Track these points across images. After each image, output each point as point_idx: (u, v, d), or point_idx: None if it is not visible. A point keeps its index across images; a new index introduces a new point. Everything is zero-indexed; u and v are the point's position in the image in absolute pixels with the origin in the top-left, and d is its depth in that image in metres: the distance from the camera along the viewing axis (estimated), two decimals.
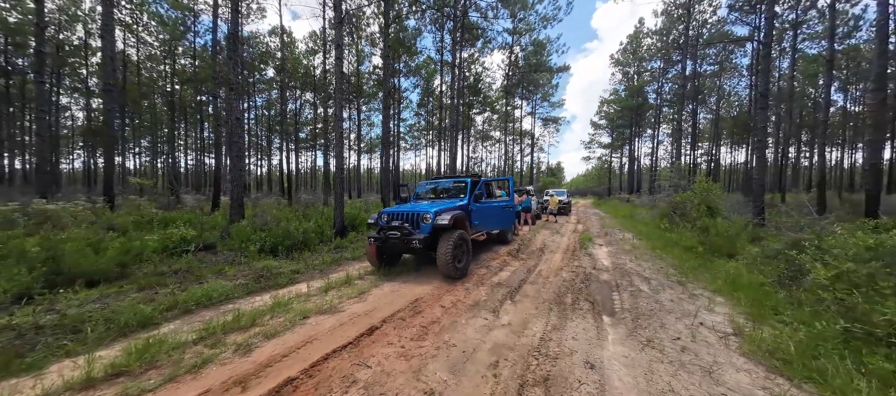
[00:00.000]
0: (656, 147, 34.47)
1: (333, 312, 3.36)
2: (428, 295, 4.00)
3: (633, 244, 8.00)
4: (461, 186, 5.93)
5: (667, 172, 19.24)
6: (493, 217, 6.16)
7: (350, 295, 3.92)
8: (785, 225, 7.69)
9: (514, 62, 25.18)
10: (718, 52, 27.94)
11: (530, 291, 4.36)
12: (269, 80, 33.47)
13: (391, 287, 4.29)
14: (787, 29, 22.06)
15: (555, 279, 4.95)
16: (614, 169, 46.29)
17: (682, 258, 6.20)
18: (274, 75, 30.91)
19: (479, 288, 4.43)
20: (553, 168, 54.10)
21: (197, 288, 3.90)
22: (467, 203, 5.54)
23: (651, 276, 5.16)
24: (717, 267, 5.49)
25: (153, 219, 7.81)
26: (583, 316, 3.49)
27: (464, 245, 4.82)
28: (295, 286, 4.34)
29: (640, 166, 41.00)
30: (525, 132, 35.52)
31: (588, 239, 8.61)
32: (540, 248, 7.55)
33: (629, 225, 11.65)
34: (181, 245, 5.96)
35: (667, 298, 4.09)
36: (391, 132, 33.26)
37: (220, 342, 2.70)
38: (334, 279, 4.55)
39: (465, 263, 4.78)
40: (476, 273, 5.19)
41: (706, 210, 7.18)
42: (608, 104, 35.11)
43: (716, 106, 34.39)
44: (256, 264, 5.20)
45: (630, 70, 30.47)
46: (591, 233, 10.11)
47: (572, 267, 5.69)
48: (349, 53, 30.18)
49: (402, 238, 4.46)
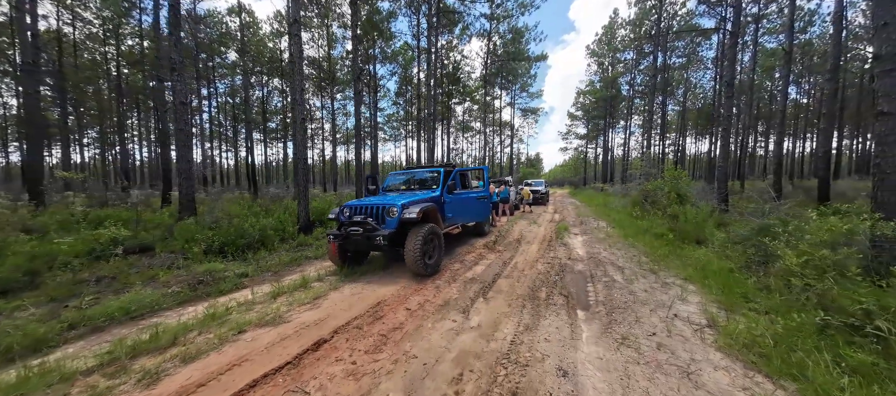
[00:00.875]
0: (628, 138, 35.58)
1: (277, 323, 2.94)
2: (393, 296, 3.65)
3: (607, 232, 8.01)
4: (434, 177, 5.57)
5: (638, 162, 19.79)
6: (467, 209, 5.86)
7: (303, 300, 3.49)
8: (747, 211, 7.95)
9: (492, 50, 24.80)
10: (686, 45, 28.91)
11: (504, 286, 4.11)
12: (231, 65, 31.02)
13: (352, 289, 3.89)
14: (750, 22, 23.05)
15: (530, 272, 4.74)
16: (590, 159, 47.56)
17: (654, 245, 6.20)
18: (236, 59, 28.68)
19: (451, 285, 4.14)
20: (532, 159, 54.82)
21: (115, 300, 3.33)
22: (440, 194, 5.19)
23: (624, 265, 5.08)
24: (687, 253, 5.51)
25: (83, 219, 6.89)
26: (557, 311, 3.28)
27: (435, 240, 4.49)
28: (240, 292, 3.84)
29: (613, 156, 42.31)
30: (505, 123, 35.49)
31: (564, 229, 8.55)
32: (517, 239, 7.37)
33: (603, 214, 11.79)
34: (110, 247, 5.23)
35: (640, 288, 3.98)
36: (368, 121, 32.19)
37: (123, 369, 2.22)
38: (288, 282, 4.09)
39: (436, 259, 4.46)
40: (449, 268, 4.89)
41: (676, 197, 7.25)
42: (584, 95, 35.69)
43: (683, 98, 35.84)
44: (198, 267, 4.62)
45: (605, 61, 30.97)
46: (568, 223, 10.11)
47: (548, 259, 5.52)
48: (319, 37, 28.59)
49: (365, 234, 4.06)
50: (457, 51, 28.53)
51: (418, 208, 4.22)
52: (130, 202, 7.46)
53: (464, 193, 5.81)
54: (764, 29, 24.90)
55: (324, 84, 31.67)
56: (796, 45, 25.07)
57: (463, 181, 6.40)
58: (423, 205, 4.39)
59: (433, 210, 4.65)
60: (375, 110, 33.89)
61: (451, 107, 29.98)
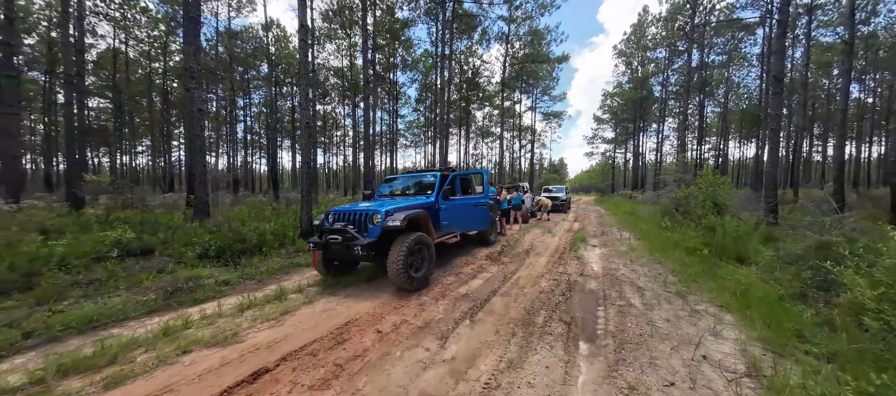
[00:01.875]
0: (661, 142, 33.31)
1: (228, 343, 2.65)
2: (368, 314, 3.27)
3: (631, 245, 7.20)
4: (430, 182, 5.18)
5: (672, 167, 18.28)
6: (465, 216, 5.41)
7: (269, 315, 3.20)
8: (802, 225, 6.83)
9: (511, 53, 24.23)
10: (727, 41, 26.73)
11: (498, 306, 3.61)
12: (264, 77, 32.75)
13: (326, 304, 3.56)
14: (801, 13, 20.84)
15: (531, 290, 4.19)
16: (618, 165, 45.13)
17: (684, 262, 5.40)
18: (268, 71, 30.26)
19: (438, 303, 3.70)
20: (555, 164, 53.05)
21: (85, 307, 3.22)
22: (434, 201, 4.80)
23: (646, 285, 4.38)
24: (724, 274, 4.69)
25: (104, 220, 7.18)
26: (552, 344, 2.74)
27: (424, 250, 4.08)
28: (213, 302, 3.63)
29: (644, 162, 39.84)
30: (525, 127, 34.57)
31: (581, 240, 7.81)
32: (526, 250, 6.78)
33: (629, 224, 10.81)
34: (114, 249, 5.31)
35: (662, 317, 3.32)
36: (388, 126, 32.41)
37: (44, 392, 2.00)
38: (265, 293, 3.84)
39: (424, 272, 4.04)
40: (441, 282, 4.45)
41: (712, 207, 6.35)
42: (611, 97, 33.98)
43: (724, 98, 33.13)
44: (185, 273, 4.51)
45: (634, 61, 29.32)
46: (587, 233, 9.30)
47: (556, 274, 4.92)
48: (342, 48, 29.38)
49: (344, 243, 3.74)
50: (476, 56, 28.31)
51: (404, 215, 3.84)
52: (147, 204, 7.70)
53: (461, 199, 5.37)
54: (818, 21, 22.46)
55: (347, 93, 32.53)
56: (858, 38, 22.35)
57: (464, 186, 5.96)
58: (410, 212, 4.01)
59: (423, 217, 4.26)
60: (396, 117, 34.36)
61: (469, 112, 29.65)
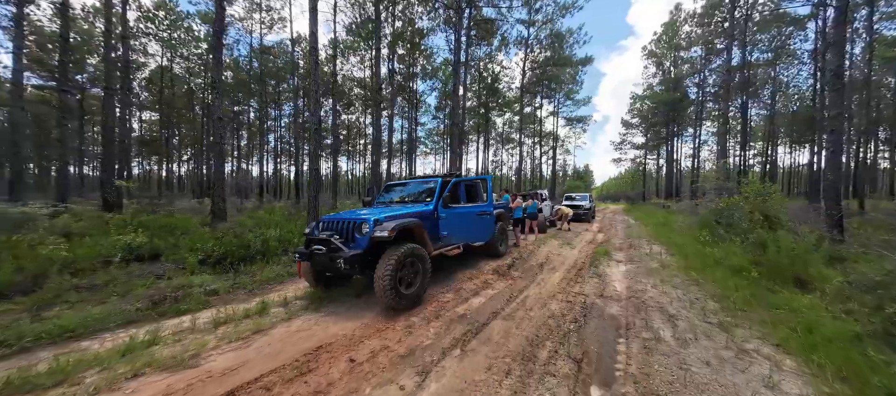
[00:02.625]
0: (698, 147, 30.96)
1: (182, 367, 2.38)
2: (345, 337, 2.91)
3: (663, 261, 6.39)
4: (431, 189, 4.81)
5: (711, 174, 16.75)
6: (468, 226, 4.95)
7: (241, 334, 2.93)
8: (875, 242, 5.75)
9: (532, 58, 23.59)
10: (773, 38, 24.49)
11: (497, 332, 3.13)
12: (295, 89, 34.34)
13: (305, 322, 3.25)
14: (860, 5, 18.64)
15: (539, 313, 3.66)
16: (650, 171, 42.56)
17: (728, 285, 4.60)
18: (298, 83, 31.74)
19: (430, 324, 3.28)
20: (580, 171, 51.02)
21: (69, 315, 3.13)
22: (432, 209, 4.41)
23: (680, 312, 3.70)
24: (780, 301, 3.90)
25: (128, 223, 7.43)
26: (555, 388, 2.23)
27: (417, 264, 3.69)
28: (193, 315, 3.44)
29: (679, 169, 37.23)
30: (547, 133, 33.51)
31: (604, 254, 7.08)
32: (539, 264, 6.19)
33: (661, 236, 9.81)
34: (118, 254, 5.37)
35: (700, 357, 2.69)
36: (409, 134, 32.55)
37: None
38: (248, 306, 3.60)
39: (416, 289, 3.65)
40: (438, 299, 4.03)
41: (762, 219, 5.46)
42: (641, 100, 32.17)
43: (772, 99, 30.33)
44: (180, 280, 4.41)
45: (666, 62, 27.61)
46: (611, 246, 8.49)
47: (570, 295, 4.34)
48: (362, 59, 30.10)
49: (328, 254, 3.43)
50: (496, 62, 27.94)
51: (393, 225, 3.47)
52: (172, 209, 7.93)
53: (464, 208, 4.93)
54: (881, 13, 20.07)
55: (369, 102, 33.28)
56: None
57: (469, 194, 5.52)
58: (401, 222, 3.64)
59: (418, 227, 3.87)
60: (416, 124, 34.58)
61: (488, 118, 29.18)
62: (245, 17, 26.90)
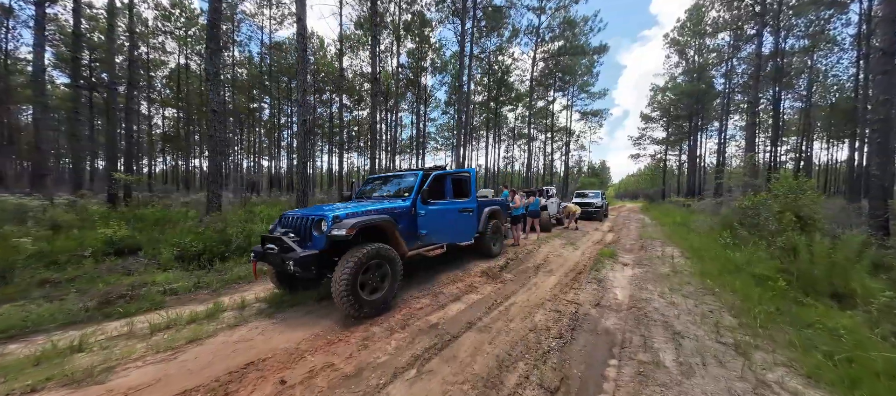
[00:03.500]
0: (724, 142, 29.06)
1: (88, 383, 2.10)
2: (286, 351, 2.56)
3: (675, 266, 5.75)
4: (411, 183, 4.40)
5: (737, 171, 15.53)
6: (450, 224, 4.50)
7: (176, 341, 2.64)
8: None
9: (544, 48, 22.61)
10: (811, 22, 22.50)
11: (465, 348, 2.71)
12: (309, 86, 34.51)
13: (251, 329, 2.93)
14: None
15: (520, 325, 3.20)
16: (671, 168, 40.55)
17: (750, 295, 3.99)
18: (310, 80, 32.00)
19: (392, 336, 2.89)
20: (596, 167, 49.30)
21: (12, 312, 2.94)
22: (409, 205, 4.00)
23: (687, 330, 3.16)
24: (812, 318, 3.29)
25: (100, 216, 7.40)
26: None
27: (384, 266, 3.31)
28: (140, 317, 3.19)
29: (703, 165, 35.21)
30: (561, 128, 32.37)
31: (609, 256, 6.48)
32: (535, 266, 5.69)
33: (677, 237, 9.06)
34: (104, 247, 5.28)
35: (706, 390, 2.18)
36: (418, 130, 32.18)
37: None
38: (198, 309, 3.32)
39: (383, 294, 3.27)
40: (411, 304, 3.63)
41: (794, 221, 4.76)
42: (662, 92, 30.48)
43: (807, 91, 28.08)
44: (146, 277, 4.22)
45: (689, 50, 25.93)
46: (620, 246, 7.85)
47: (562, 303, 3.85)
48: (369, 54, 29.90)
49: (280, 254, 3.09)
50: (507, 54, 27.10)
51: (355, 222, 3.09)
52: (168, 202, 7.89)
53: (446, 204, 4.48)
54: None
55: (380, 98, 33.13)
56: None
57: (456, 189, 5.07)
58: (366, 219, 3.25)
59: (388, 225, 3.48)
60: (425, 120, 34.18)
61: (498, 112, 28.41)
62: (256, 12, 27.21)
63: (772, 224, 5.26)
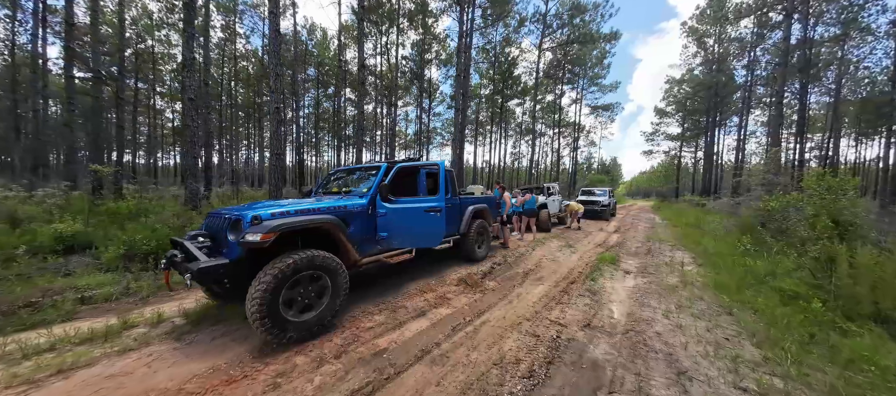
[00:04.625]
0: (744, 138, 27.49)
1: None
2: (166, 392, 2.01)
3: (685, 276, 5.01)
4: (373, 177, 3.79)
5: (757, 168, 14.42)
6: (416, 225, 3.82)
7: (41, 371, 2.12)
8: None
9: (551, 37, 21.52)
10: (842, 8, 20.82)
11: (406, 391, 2.12)
12: (314, 80, 34.39)
13: (137, 358, 2.37)
14: None
15: (485, 355, 2.59)
16: (686, 165, 38.87)
17: (777, 317, 3.28)
18: (316, 73, 31.71)
19: (319, 369, 2.32)
20: (607, 164, 47.78)
21: None
22: (367, 203, 3.40)
23: (698, 365, 2.49)
24: (857, 351, 2.58)
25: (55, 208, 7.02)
26: None
27: (322, 279, 2.73)
28: (29, 333, 2.70)
29: (719, 163, 33.54)
30: (570, 123, 31.22)
31: (610, 261, 5.77)
32: (524, 273, 5.04)
33: (690, 240, 8.25)
34: (53, 243, 4.87)
35: None
36: (424, 125, 31.28)
37: None
38: (103, 325, 2.81)
39: (317, 314, 2.68)
40: (359, 323, 3.06)
41: (831, 226, 3.98)
42: (679, 84, 28.95)
43: (836, 84, 26.28)
44: (76, 280, 3.76)
45: (709, 40, 24.41)
46: (625, 249, 7.11)
47: (544, 323, 3.21)
48: (376, 46, 29.34)
49: (184, 262, 2.54)
50: (514, 45, 26.11)
51: (276, 225, 2.49)
52: (146, 195, 7.53)
53: (410, 202, 3.84)
54: None
55: (384, 92, 32.64)
56: None
57: (431, 184, 4.44)
58: (293, 220, 2.63)
59: (331, 228, 2.89)
60: (430, 114, 33.46)
61: (503, 106, 27.48)
62: (258, 3, 26.87)
63: (803, 229, 4.47)
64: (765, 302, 3.77)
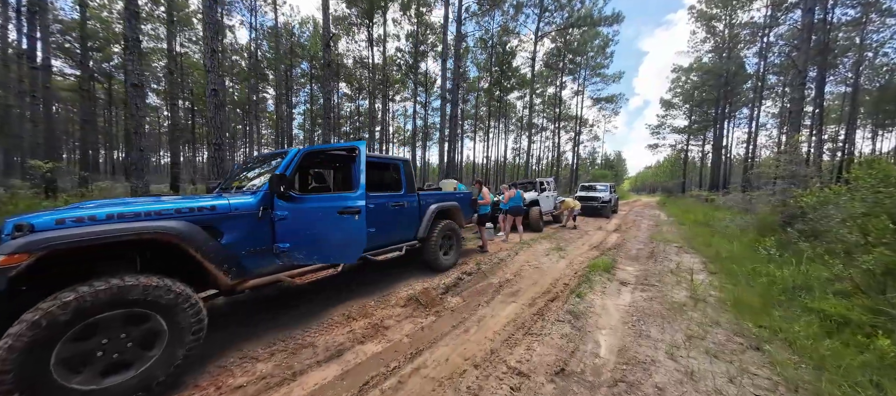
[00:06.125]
0: (755, 131, 26.13)
1: None
2: None
3: (696, 288, 4.05)
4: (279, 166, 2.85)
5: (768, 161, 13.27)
6: (324, 234, 2.74)
7: None
8: None
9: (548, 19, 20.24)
10: None
11: None
12: (307, 74, 33.50)
13: None
14: None
15: None
16: (693, 159, 37.47)
17: (824, 354, 2.33)
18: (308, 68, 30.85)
19: None
20: (610, 159, 46.45)
21: None
22: (256, 203, 2.48)
23: None
24: None
25: None
26: None
27: (150, 320, 1.83)
28: None
29: (728, 156, 32.14)
30: (571, 116, 30.03)
31: (604, 268, 4.82)
32: (498, 285, 4.11)
33: (699, 241, 7.25)
34: None
35: None
36: (422, 120, 30.10)
37: None
38: None
39: (142, 373, 1.77)
40: (235, 375, 2.17)
41: (892, 228, 3.00)
42: (686, 73, 27.58)
43: (855, 72, 24.78)
44: None
45: (719, 24, 23.03)
46: (624, 252, 6.15)
47: (500, 367, 2.29)
48: (367, 37, 28.35)
49: None
50: (512, 34, 24.98)
51: (42, 240, 1.55)
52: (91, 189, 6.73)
53: (317, 201, 2.81)
54: None
55: (379, 86, 31.70)
56: None
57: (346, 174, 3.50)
58: (77, 233, 1.66)
59: (171, 239, 1.97)
60: (427, 108, 32.42)
61: (502, 100, 26.37)
62: None
63: (847, 231, 3.49)
64: (803, 331, 2.82)
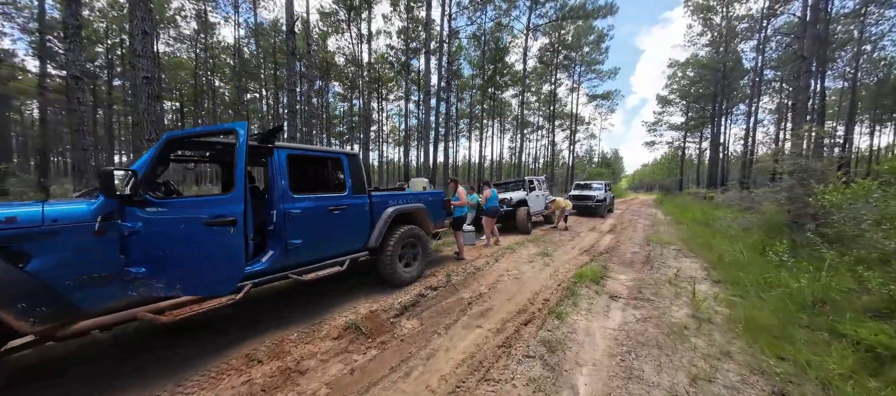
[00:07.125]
0: (753, 127, 25.60)
1: None
2: None
3: (699, 303, 3.42)
4: None
5: (765, 157, 12.66)
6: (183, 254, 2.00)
7: None
8: None
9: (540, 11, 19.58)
10: None
11: None
12: (296, 72, 32.71)
13: None
14: None
15: None
16: (690, 157, 36.98)
17: (857, 389, 1.69)
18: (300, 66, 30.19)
19: None
20: (607, 157, 45.94)
21: None
22: (90, 213, 1.80)
23: None
24: None
25: None
26: None
27: None
28: None
29: (726, 153, 31.63)
30: (566, 114, 29.46)
31: (593, 278, 4.19)
32: (468, 301, 3.47)
33: (699, 243, 6.64)
34: None
35: None
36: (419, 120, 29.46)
37: None
38: None
39: None
40: None
41: None
42: (683, 68, 27.04)
43: (854, 67, 24.30)
44: None
45: (715, 17, 22.48)
46: (616, 257, 5.52)
47: None
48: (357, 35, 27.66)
49: None
50: (506, 31, 24.41)
51: None
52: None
53: (178, 208, 2.06)
54: None
55: (374, 85, 31.05)
56: None
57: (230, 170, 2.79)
58: None
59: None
60: (420, 109, 31.75)
61: (495, 97, 25.75)
62: None
63: (888, 237, 2.88)
64: (836, 365, 2.20)
